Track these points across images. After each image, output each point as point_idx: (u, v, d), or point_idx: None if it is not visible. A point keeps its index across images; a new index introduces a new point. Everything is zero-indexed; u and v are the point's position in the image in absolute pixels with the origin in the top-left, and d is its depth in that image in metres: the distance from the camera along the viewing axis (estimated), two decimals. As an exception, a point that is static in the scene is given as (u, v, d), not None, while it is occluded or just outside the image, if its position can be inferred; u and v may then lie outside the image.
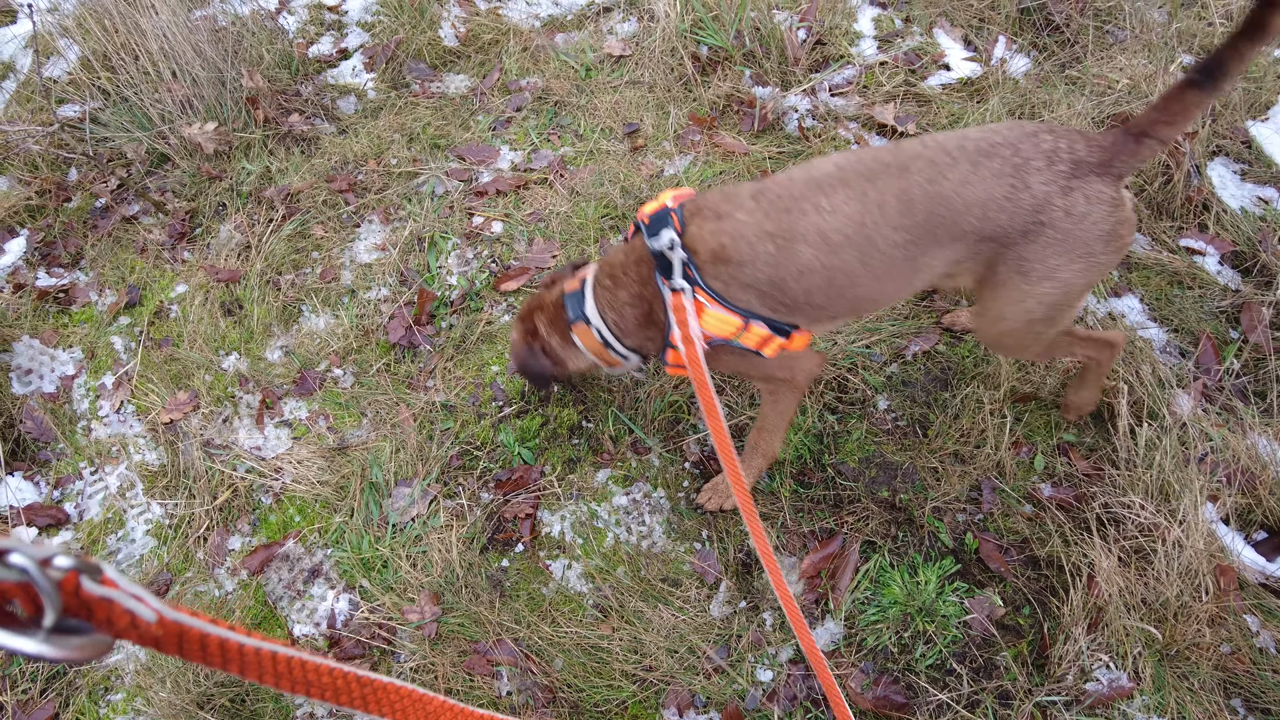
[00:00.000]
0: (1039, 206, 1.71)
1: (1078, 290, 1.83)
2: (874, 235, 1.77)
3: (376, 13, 3.61)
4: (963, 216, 1.74)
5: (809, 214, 1.78)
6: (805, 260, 1.81)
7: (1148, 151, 1.70)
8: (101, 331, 2.82)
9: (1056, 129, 1.74)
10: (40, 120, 3.24)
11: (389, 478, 2.45)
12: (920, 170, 1.74)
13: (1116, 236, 1.74)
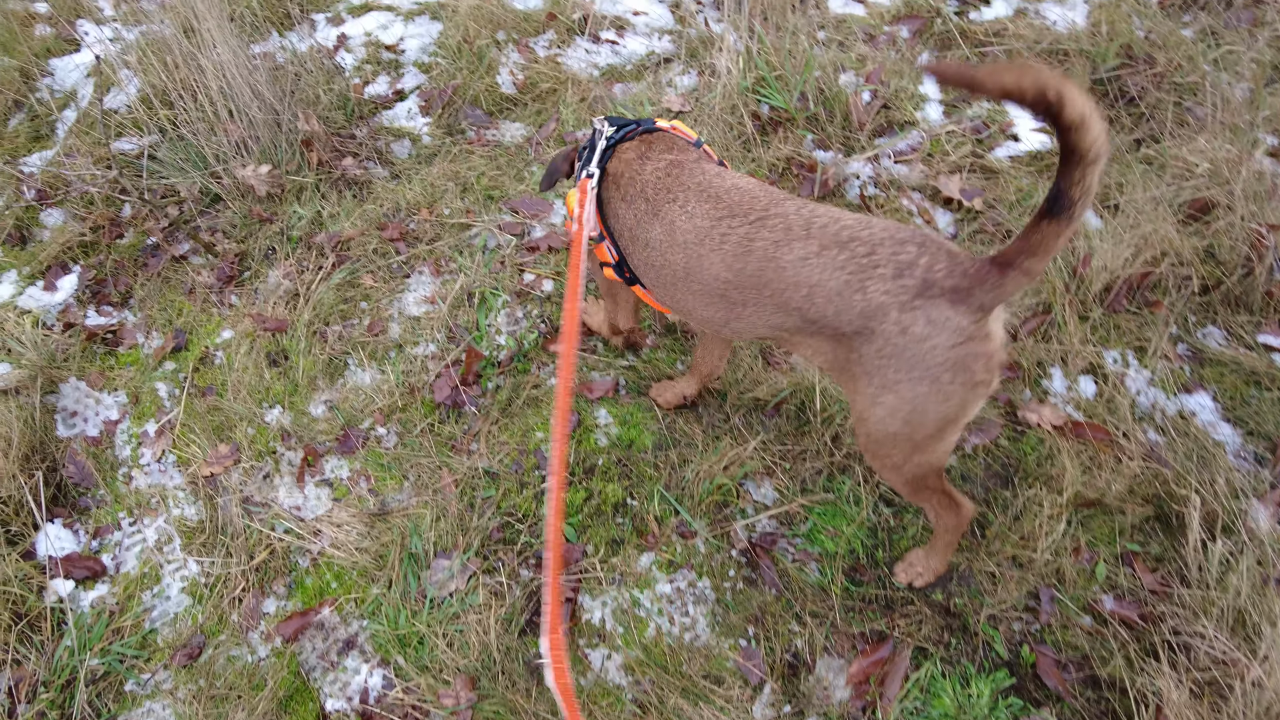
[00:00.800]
0: (870, 313, 1.67)
1: (933, 416, 1.73)
2: (704, 258, 1.86)
3: (434, 54, 3.58)
4: (789, 291, 1.76)
5: (677, 205, 1.91)
6: (652, 237, 1.96)
7: (1012, 284, 1.60)
8: (147, 376, 2.80)
9: (929, 243, 1.68)
10: (97, 155, 3.24)
11: (429, 548, 2.40)
12: (773, 229, 1.77)
13: (966, 369, 1.65)
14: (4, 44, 3.73)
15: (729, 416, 2.60)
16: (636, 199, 1.99)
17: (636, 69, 3.51)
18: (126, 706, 2.26)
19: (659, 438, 2.57)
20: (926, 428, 1.76)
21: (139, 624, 2.38)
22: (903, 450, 1.84)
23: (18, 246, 3.15)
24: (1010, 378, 2.62)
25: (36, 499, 2.51)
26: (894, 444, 1.83)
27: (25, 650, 2.32)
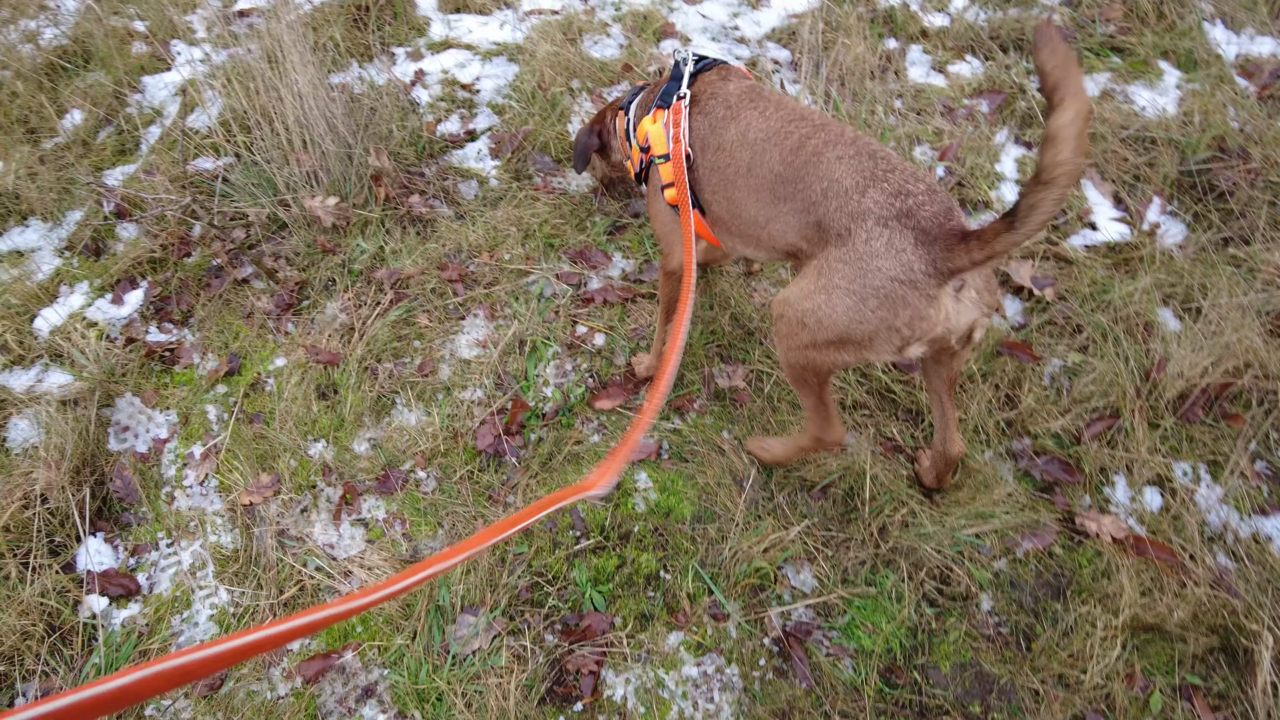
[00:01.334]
0: (857, 214, 1.82)
1: (839, 327, 1.86)
2: (767, 152, 2.04)
3: (508, 96, 3.61)
4: (815, 182, 1.92)
5: (756, 110, 2.12)
6: (726, 138, 2.15)
7: (958, 259, 1.71)
8: (198, 397, 2.83)
9: (937, 192, 1.82)
10: (174, 174, 3.32)
11: (456, 601, 2.36)
12: (827, 134, 1.97)
13: (890, 306, 1.77)
14: (103, 60, 3.88)
15: (773, 495, 2.53)
16: (717, 108, 2.20)
17: (707, 126, 3.49)
18: (144, 732, 2.27)
19: (699, 509, 2.51)
20: (829, 333, 1.90)
21: (166, 647, 2.39)
22: (802, 339, 1.97)
23: (92, 258, 3.24)
24: (1069, 481, 2.50)
25: (82, 512, 2.55)
26: (798, 330, 1.97)
27: (55, 663, 2.34)
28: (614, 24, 3.89)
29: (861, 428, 2.66)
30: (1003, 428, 2.63)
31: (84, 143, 3.64)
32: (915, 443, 2.62)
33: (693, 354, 2.84)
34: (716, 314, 2.92)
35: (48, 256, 3.28)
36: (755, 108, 2.13)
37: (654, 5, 3.99)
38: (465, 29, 3.93)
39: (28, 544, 2.49)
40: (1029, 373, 2.71)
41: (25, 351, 2.97)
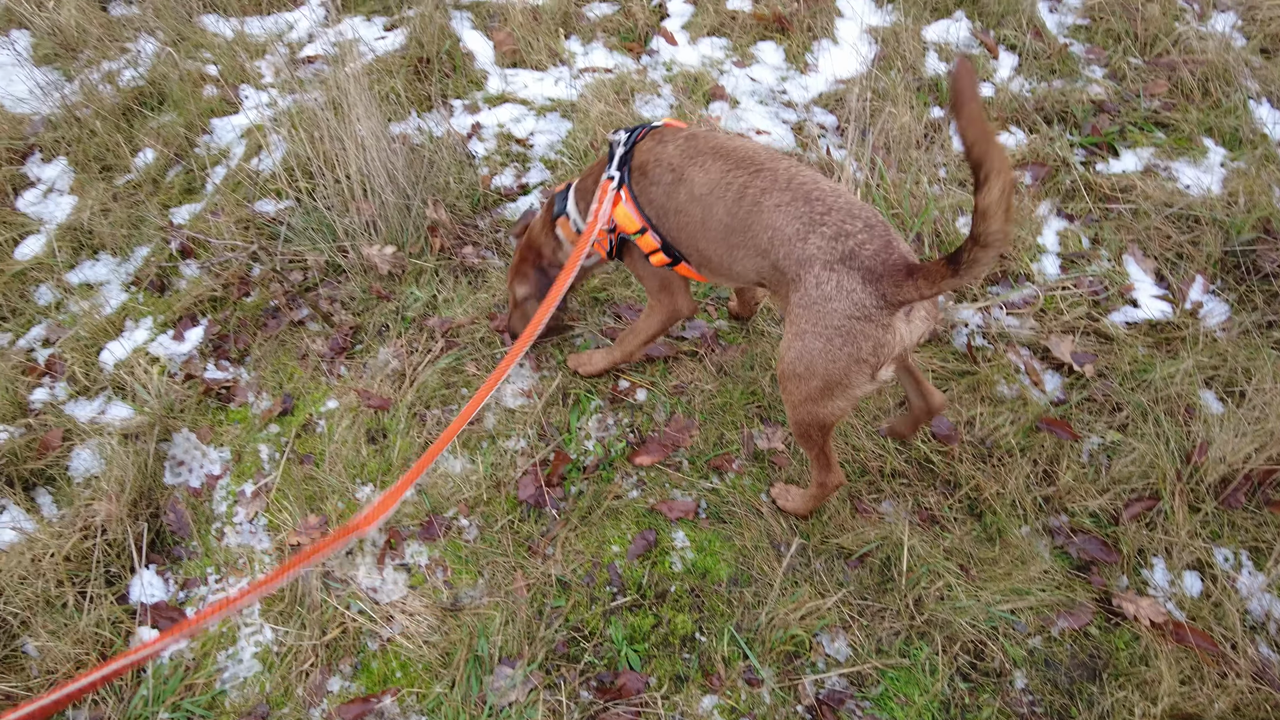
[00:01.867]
0: (804, 261, 1.98)
1: (820, 373, 2.03)
2: (713, 205, 2.16)
3: (560, 152, 3.72)
4: (761, 231, 2.07)
5: (696, 167, 2.21)
6: (679, 200, 2.25)
7: (906, 293, 1.86)
8: (252, 435, 2.93)
9: (875, 226, 1.96)
10: (238, 215, 3.46)
11: (495, 651, 2.41)
12: (764, 180, 2.08)
13: (853, 341, 1.94)
14: (176, 102, 4.06)
15: (810, 561, 2.55)
16: (665, 174, 2.27)
17: (753, 187, 3.58)
18: (186, 767, 2.32)
19: (735, 571, 2.55)
20: (815, 380, 2.05)
21: (211, 683, 2.45)
22: (800, 393, 2.13)
23: (157, 294, 3.37)
24: (1106, 561, 2.51)
25: (139, 545, 2.64)
26: (796, 384, 2.12)
27: (105, 692, 2.41)
28: (665, 85, 4.01)
29: (899, 497, 2.69)
30: (1040, 504, 2.64)
31: (154, 181, 3.80)
32: (953, 514, 2.64)
33: (732, 414, 2.89)
34: (757, 374, 2.97)
35: (115, 291, 3.42)
36: (695, 163, 2.22)
37: (704, 68, 4.11)
38: (521, 84, 4.07)
39: (86, 573, 2.58)
40: (1067, 450, 2.72)
41: (90, 383, 3.09)
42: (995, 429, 2.78)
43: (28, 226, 3.68)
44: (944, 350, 3.03)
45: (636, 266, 2.60)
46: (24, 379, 3.13)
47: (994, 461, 2.72)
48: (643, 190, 2.33)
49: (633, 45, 4.25)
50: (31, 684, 2.41)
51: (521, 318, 2.81)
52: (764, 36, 4.29)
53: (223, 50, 4.34)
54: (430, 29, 4.16)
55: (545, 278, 2.72)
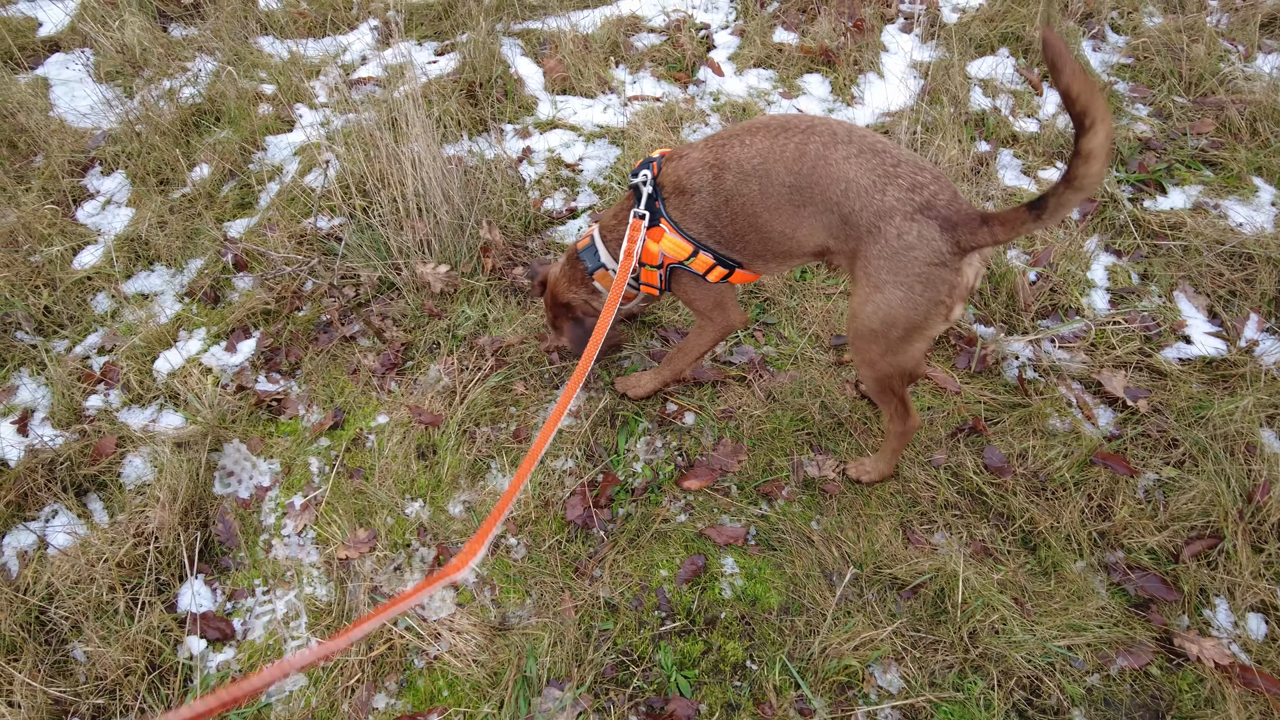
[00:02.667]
0: (882, 213, 2.04)
1: (902, 321, 2.12)
2: (771, 170, 2.17)
3: (609, 178, 3.76)
4: (833, 184, 2.10)
5: (734, 147, 2.24)
6: (728, 186, 2.25)
7: (982, 238, 1.99)
8: (302, 448, 2.94)
9: (941, 178, 2.07)
10: (291, 230, 3.51)
11: (543, 673, 2.39)
12: (820, 136, 2.13)
13: (933, 285, 2.04)
14: (233, 119, 4.14)
15: (863, 591, 2.52)
16: (702, 176, 2.28)
17: (801, 216, 3.59)
18: (231, 779, 2.31)
19: (786, 600, 2.52)
20: (897, 329, 2.14)
21: (256, 695, 2.44)
22: (879, 347, 2.21)
23: (210, 306, 3.41)
24: (1166, 599, 2.46)
25: (190, 554, 2.65)
26: (874, 340, 2.20)
27: (152, 701, 2.41)
28: (713, 114, 4.06)
29: (952, 529, 2.66)
30: (1096, 539, 2.60)
31: (209, 195, 3.87)
32: (1007, 547, 2.61)
33: (781, 440, 2.88)
34: (807, 401, 2.96)
35: (170, 301, 3.47)
36: (732, 147, 2.24)
37: (751, 98, 4.15)
38: (570, 110, 4.13)
39: (138, 580, 2.58)
40: (1123, 485, 2.69)
41: (144, 391, 3.13)
42: (1048, 462, 2.75)
43: (86, 237, 3.75)
44: (995, 382, 3.01)
45: (688, 292, 2.59)
46: (80, 385, 3.17)
47: (1048, 495, 2.69)
48: (684, 207, 2.35)
49: (680, 75, 4.31)
50: (80, 689, 2.41)
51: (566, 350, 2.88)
52: (810, 69, 4.34)
53: (278, 70, 4.43)
54: (482, 54, 4.24)
55: (578, 327, 2.71)
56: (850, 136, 2.12)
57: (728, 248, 2.38)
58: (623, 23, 4.61)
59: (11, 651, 2.48)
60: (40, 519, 2.82)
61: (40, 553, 2.72)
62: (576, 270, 2.68)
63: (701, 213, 2.33)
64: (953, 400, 2.97)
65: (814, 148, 2.13)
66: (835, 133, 2.13)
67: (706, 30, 4.65)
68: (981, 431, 2.87)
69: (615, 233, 2.56)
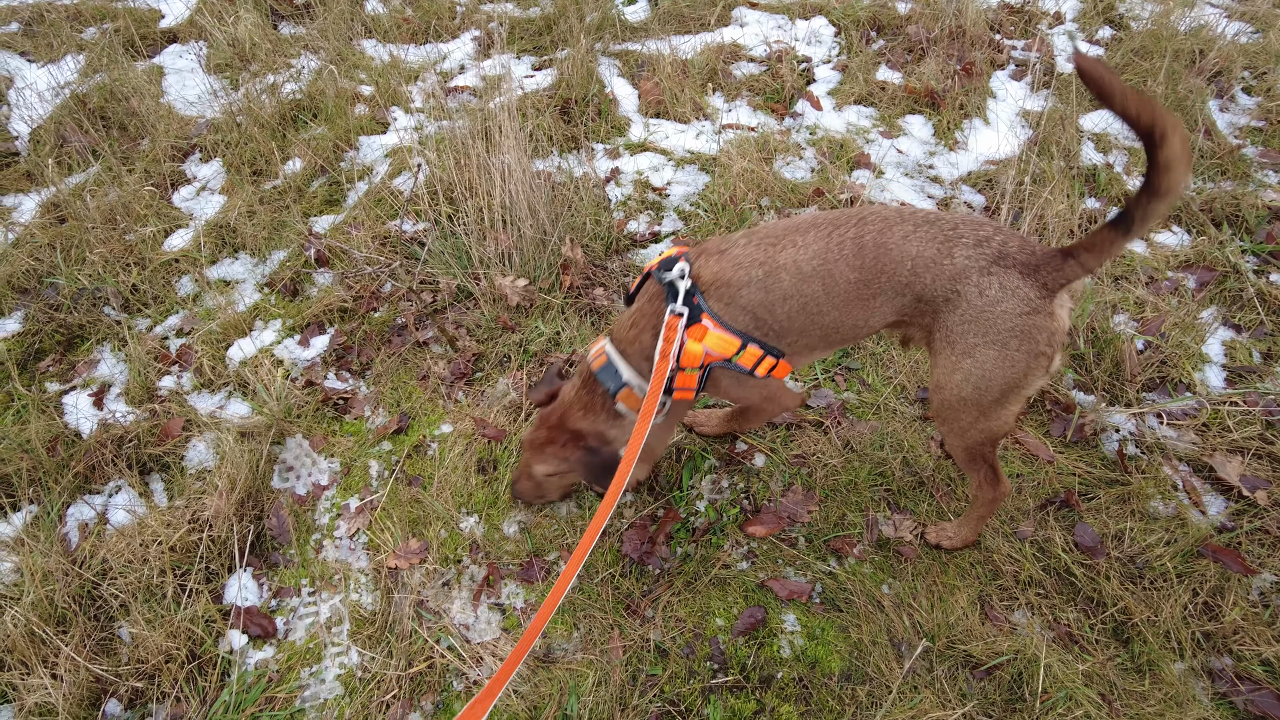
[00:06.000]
0: (957, 275, 1.96)
1: (999, 382, 2.00)
2: (833, 270, 2.07)
3: (695, 204, 3.68)
4: (899, 266, 2.02)
5: (787, 248, 2.10)
6: (785, 286, 2.11)
7: (1072, 272, 1.90)
8: (363, 450, 2.90)
9: (1002, 228, 1.99)
10: (375, 231, 3.51)
11: (584, 713, 2.26)
12: (873, 223, 2.06)
13: (1030, 337, 1.93)
14: (329, 117, 4.21)
15: (932, 665, 2.34)
16: (752, 273, 2.12)
17: (893, 260, 3.44)
18: (257, 783, 2.24)
19: (849, 666, 2.35)
20: (993, 393, 2.02)
21: (291, 699, 2.38)
22: (971, 415, 2.10)
23: (289, 298, 3.43)
24: None
25: (242, 546, 2.62)
26: (965, 409, 2.09)
27: (188, 691, 2.36)
28: (808, 148, 3.95)
29: (1035, 608, 2.45)
30: (1200, 640, 2.36)
31: (299, 189, 3.91)
32: (1095, 635, 2.39)
33: (857, 494, 2.72)
34: (888, 455, 2.80)
35: (250, 290, 3.50)
36: (782, 249, 2.11)
37: (849, 134, 4.03)
38: (663, 134, 4.07)
39: (188, 566, 2.56)
40: (1235, 583, 2.45)
41: (215, 377, 3.14)
42: (1148, 548, 2.53)
43: (179, 220, 3.83)
44: (1091, 455, 2.80)
45: (731, 391, 2.35)
46: (155, 365, 3.20)
47: (1145, 584, 2.46)
48: (730, 302, 2.13)
49: (777, 106, 4.22)
50: (121, 670, 2.39)
51: (534, 488, 2.52)
52: (913, 110, 4.20)
53: (378, 73, 4.49)
54: (579, 72, 4.22)
55: (591, 455, 2.31)
56: (902, 216, 2.07)
57: (777, 340, 2.19)
58: (723, 50, 4.55)
59: (61, 623, 2.47)
60: (104, 493, 2.84)
61: (100, 528, 2.73)
62: (595, 395, 2.32)
63: (749, 306, 2.13)
64: (1044, 470, 2.77)
65: (870, 237, 2.04)
66: (886, 217, 2.07)
67: (807, 63, 4.55)
68: (1074, 506, 2.66)
69: (637, 343, 2.24)
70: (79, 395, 3.16)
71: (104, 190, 3.96)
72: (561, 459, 2.36)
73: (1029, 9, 4.72)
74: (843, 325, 2.17)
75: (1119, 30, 4.65)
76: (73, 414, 3.09)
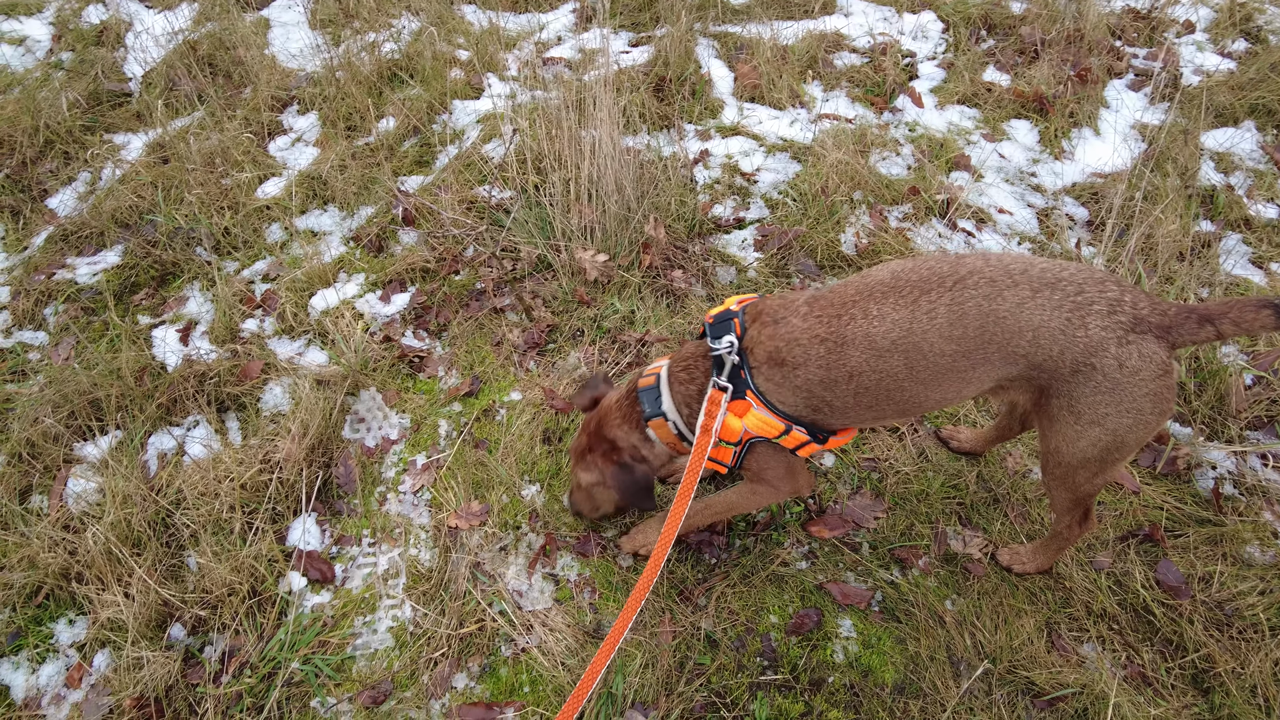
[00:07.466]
0: (1093, 349, 1.79)
1: (1129, 444, 1.89)
2: (921, 343, 1.86)
3: (784, 193, 3.60)
4: (1015, 338, 1.83)
5: (857, 319, 1.89)
6: (854, 363, 1.91)
7: (1206, 336, 1.80)
8: (434, 409, 2.93)
9: (1124, 284, 1.83)
10: (462, 195, 3.53)
11: (629, 693, 2.25)
12: (977, 286, 1.83)
13: (1163, 400, 1.82)
14: (425, 79, 4.25)
15: (991, 689, 2.25)
16: (812, 350, 1.94)
17: (985, 267, 3.31)
18: (306, 723, 2.29)
19: (903, 679, 2.28)
20: (1122, 453, 1.92)
21: (343, 645, 2.42)
22: (1089, 473, 1.99)
23: (373, 254, 3.48)
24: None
25: (309, 491, 2.67)
26: (1085, 469, 1.98)
27: (247, 626, 2.43)
28: (906, 144, 3.82)
29: (1106, 643, 2.34)
30: (1285, 697, 2.22)
31: (390, 148, 3.96)
32: (1171, 680, 2.27)
33: (928, 505, 2.63)
34: (963, 468, 2.70)
35: (336, 243, 3.56)
36: (850, 320, 1.89)
37: (950, 134, 3.89)
38: (756, 119, 3.99)
39: (257, 505, 2.63)
40: (1330, 642, 2.29)
41: (296, 325, 3.21)
42: (1238, 595, 2.38)
43: (273, 169, 3.92)
44: (1182, 490, 2.65)
45: (758, 461, 2.19)
46: (240, 308, 3.29)
47: (1233, 633, 2.32)
48: (781, 380, 1.98)
49: (877, 100, 4.09)
50: (186, 598, 2.46)
51: (586, 499, 2.40)
52: (1019, 114, 4.02)
53: (475, 38, 4.51)
54: (677, 51, 4.16)
55: (625, 473, 2.23)
56: (1010, 275, 1.83)
57: (839, 417, 2.03)
58: (825, 38, 4.43)
59: (136, 546, 2.57)
60: (183, 426, 2.93)
61: (177, 459, 2.82)
62: (635, 409, 2.23)
63: (805, 385, 1.98)
64: (1129, 500, 2.63)
65: (974, 305, 1.82)
66: (992, 279, 1.82)
67: (911, 58, 4.41)
68: (1158, 541, 2.53)
69: (685, 386, 2.13)
70: (168, 330, 3.27)
71: (206, 134, 4.08)
72: (600, 470, 2.26)
73: (1156, 15, 4.47)
74: (926, 400, 2.00)
75: (1255, 44, 4.37)
76: (160, 347, 3.20)
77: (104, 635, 2.42)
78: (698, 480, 2.02)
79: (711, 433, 2.02)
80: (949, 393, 1.96)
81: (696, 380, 2.12)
